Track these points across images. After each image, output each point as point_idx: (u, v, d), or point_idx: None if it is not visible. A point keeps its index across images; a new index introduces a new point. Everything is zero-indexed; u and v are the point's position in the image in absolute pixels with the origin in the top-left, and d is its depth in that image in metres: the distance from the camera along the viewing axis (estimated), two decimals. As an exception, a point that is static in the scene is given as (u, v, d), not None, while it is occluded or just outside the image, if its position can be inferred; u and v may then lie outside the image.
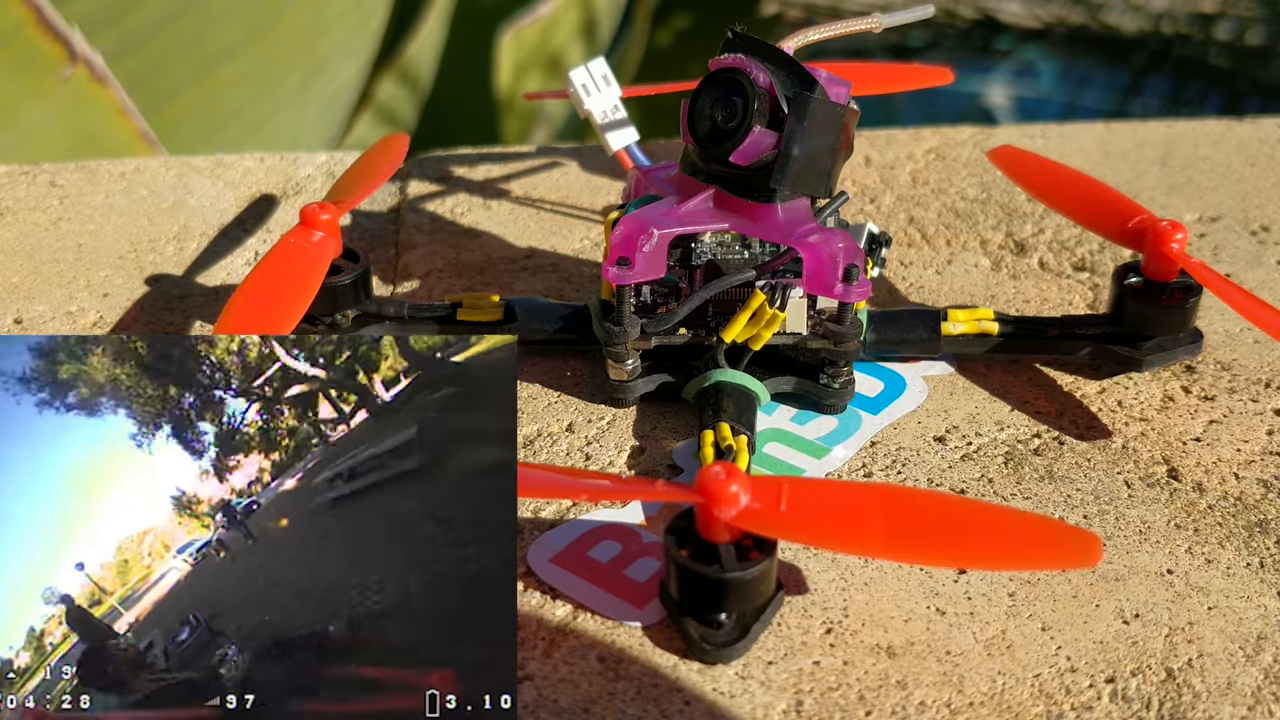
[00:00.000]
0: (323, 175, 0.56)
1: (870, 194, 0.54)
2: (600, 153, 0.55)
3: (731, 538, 0.32)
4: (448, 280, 0.49)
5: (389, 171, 0.47)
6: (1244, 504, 0.38)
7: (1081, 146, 0.57)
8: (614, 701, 0.32)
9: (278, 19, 0.78)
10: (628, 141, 0.46)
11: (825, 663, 0.33)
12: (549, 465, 0.39)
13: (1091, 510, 0.38)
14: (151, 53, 0.72)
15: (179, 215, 0.53)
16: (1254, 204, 0.53)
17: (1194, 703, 0.32)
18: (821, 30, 0.40)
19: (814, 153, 0.37)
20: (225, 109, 0.80)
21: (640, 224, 0.38)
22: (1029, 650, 0.33)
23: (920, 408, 0.42)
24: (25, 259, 0.50)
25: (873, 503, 0.32)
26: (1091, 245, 0.50)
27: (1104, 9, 1.37)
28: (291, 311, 0.39)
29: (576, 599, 0.35)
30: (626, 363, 0.41)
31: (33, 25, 0.61)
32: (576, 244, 0.51)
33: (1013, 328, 0.43)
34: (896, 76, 0.60)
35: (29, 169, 0.56)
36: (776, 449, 0.40)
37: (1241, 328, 0.45)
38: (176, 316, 0.47)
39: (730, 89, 0.38)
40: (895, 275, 0.49)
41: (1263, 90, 1.26)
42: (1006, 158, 0.48)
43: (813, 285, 0.38)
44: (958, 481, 0.39)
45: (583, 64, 0.46)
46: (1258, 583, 0.35)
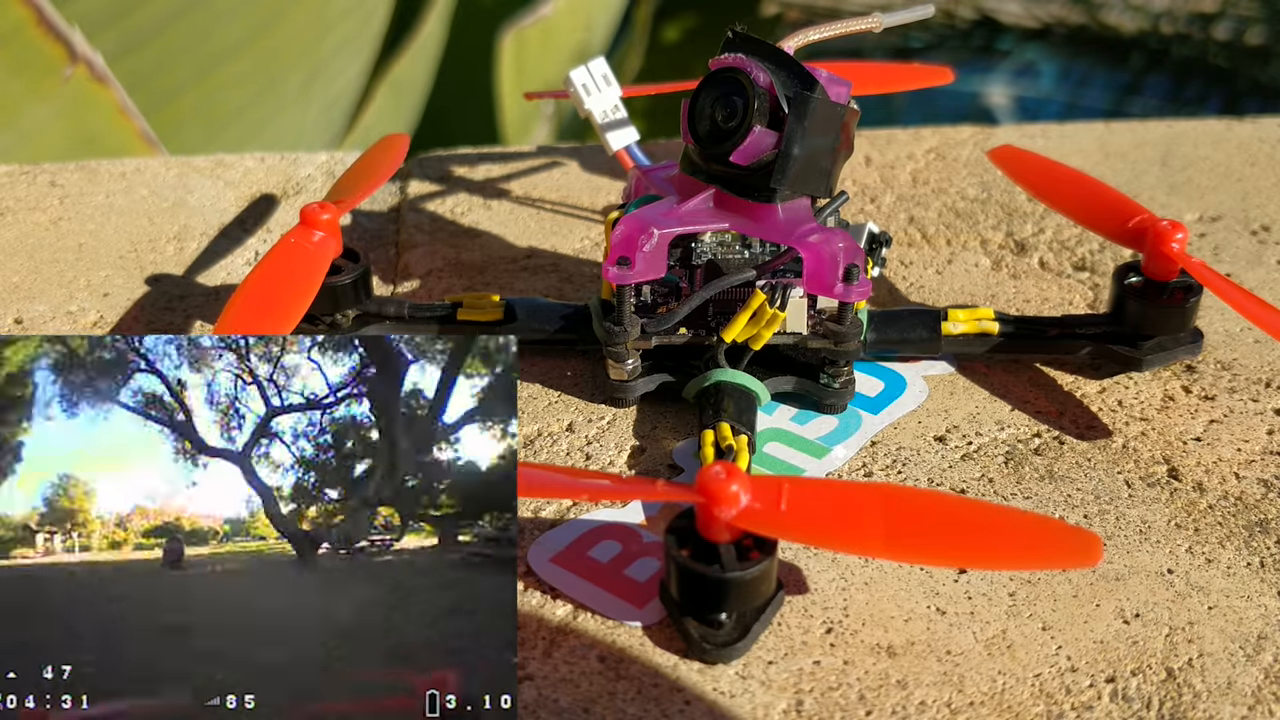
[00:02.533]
0: (323, 175, 0.56)
1: (870, 194, 0.54)
2: (600, 153, 0.55)
3: (732, 537, 0.32)
4: (448, 280, 0.49)
5: (389, 171, 0.47)
6: (1244, 504, 0.38)
7: (1081, 146, 0.57)
8: (614, 701, 0.32)
9: (279, 19, 0.78)
10: (628, 141, 0.46)
11: (825, 662, 0.33)
12: (549, 465, 0.39)
13: (1092, 510, 0.38)
14: (152, 53, 0.72)
15: (179, 215, 0.53)
16: (1254, 204, 0.53)
17: (1194, 702, 0.32)
18: (821, 30, 0.40)
19: (814, 152, 0.37)
20: (226, 109, 0.80)
21: (640, 224, 0.38)
22: (1029, 650, 0.33)
23: (920, 407, 0.42)
24: (25, 259, 0.50)
25: (873, 503, 0.32)
26: (1091, 245, 0.50)
27: (1104, 9, 1.37)
28: (292, 311, 0.39)
29: (576, 599, 0.35)
30: (626, 362, 0.41)
31: (33, 25, 0.61)
32: (576, 244, 0.51)
33: (1013, 327, 0.43)
34: (896, 76, 0.60)
35: (29, 169, 0.56)
36: (777, 449, 0.40)
37: (1242, 327, 0.45)
38: (176, 316, 0.47)
39: (730, 89, 0.38)
40: (895, 275, 0.49)
41: (1263, 90, 1.26)
42: (1006, 157, 0.48)
43: (813, 285, 0.38)
44: (958, 481, 0.39)
45: (583, 64, 0.46)
46: (1258, 582, 0.35)
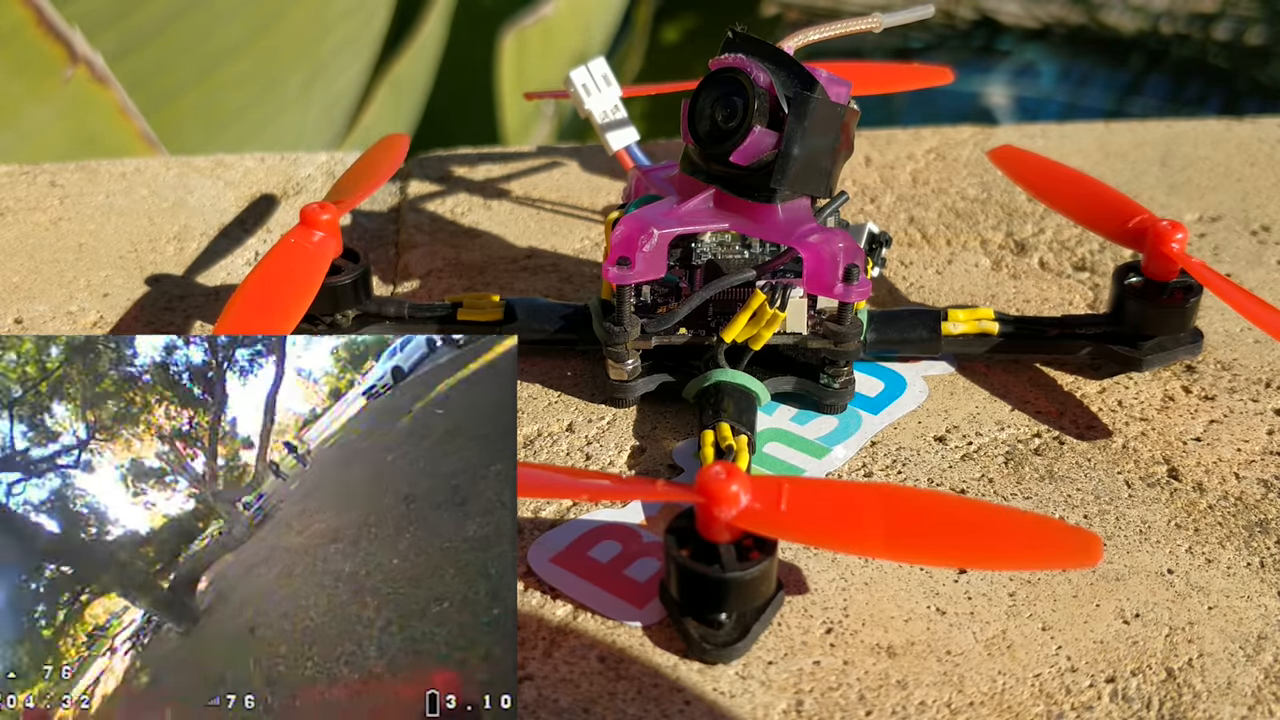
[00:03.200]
0: (323, 175, 0.56)
1: (870, 194, 0.54)
2: (600, 153, 0.55)
3: (732, 538, 0.32)
4: (448, 280, 0.49)
5: (389, 171, 0.47)
6: (1244, 504, 0.38)
7: (1081, 146, 0.57)
8: (614, 701, 0.32)
9: (279, 19, 0.78)
10: (628, 141, 0.46)
11: (825, 662, 0.33)
12: (549, 465, 0.39)
13: (1092, 510, 0.38)
14: (152, 53, 0.72)
15: (179, 215, 0.53)
16: (1254, 204, 0.53)
17: (1194, 702, 0.32)
18: (821, 30, 0.40)
19: (814, 153, 0.37)
20: (227, 110, 0.80)
21: (640, 224, 0.38)
22: (1029, 650, 0.33)
23: (920, 408, 0.42)
24: (25, 259, 0.50)
25: (873, 503, 0.32)
26: (1091, 245, 0.50)
27: (1104, 9, 1.37)
28: (292, 311, 0.39)
29: (576, 599, 0.35)
30: (626, 363, 0.41)
31: (33, 26, 0.61)
32: (576, 244, 0.51)
33: (1013, 327, 0.43)
34: (896, 76, 0.60)
35: (29, 169, 0.56)
36: (776, 449, 0.40)
37: (1242, 327, 0.45)
38: (176, 316, 0.47)
39: (730, 89, 0.38)
40: (895, 275, 0.49)
41: (1262, 90, 1.26)
42: (1006, 158, 0.48)
43: (813, 285, 0.38)
44: (958, 481, 0.39)
45: (583, 64, 0.46)
46: (1258, 582, 0.35)
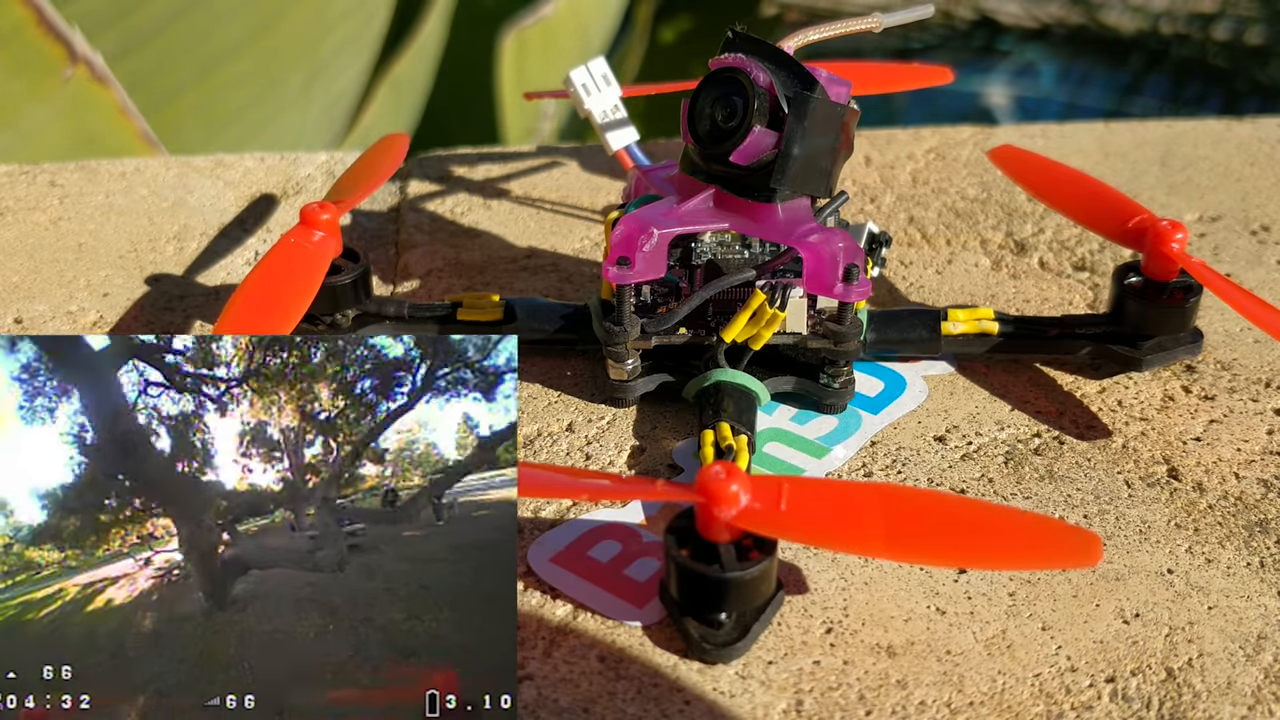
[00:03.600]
0: (323, 175, 0.56)
1: (870, 194, 0.54)
2: (600, 153, 0.55)
3: (731, 537, 0.32)
4: (448, 280, 0.49)
5: (389, 171, 0.47)
6: (1244, 504, 0.38)
7: (1081, 146, 0.57)
8: (614, 701, 0.32)
9: (279, 19, 0.78)
10: (628, 141, 0.46)
11: (825, 662, 0.33)
12: (549, 465, 0.39)
13: (1092, 510, 0.38)
14: (152, 53, 0.72)
15: (179, 215, 0.53)
16: (1254, 204, 0.53)
17: (1194, 702, 0.32)
18: (821, 30, 0.40)
19: (814, 152, 0.37)
20: (226, 110, 0.80)
21: (640, 224, 0.38)
22: (1029, 650, 0.33)
23: (920, 407, 0.42)
24: (25, 259, 0.50)
25: (873, 502, 0.32)
26: (1091, 245, 0.50)
27: (1104, 9, 1.37)
28: (292, 311, 0.39)
29: (576, 599, 0.35)
30: (626, 362, 0.41)
31: (33, 25, 0.61)
32: (576, 244, 0.51)
33: (1013, 327, 0.43)
34: (896, 76, 0.60)
35: (29, 169, 0.56)
36: (776, 449, 0.40)
37: (1241, 327, 0.45)
38: (176, 316, 0.47)
39: (730, 89, 0.38)
40: (895, 275, 0.49)
41: (1262, 90, 1.26)
42: (1006, 157, 0.48)
43: (813, 285, 0.38)
44: (958, 481, 0.39)
45: (583, 64, 0.46)
46: (1258, 582, 0.35)
